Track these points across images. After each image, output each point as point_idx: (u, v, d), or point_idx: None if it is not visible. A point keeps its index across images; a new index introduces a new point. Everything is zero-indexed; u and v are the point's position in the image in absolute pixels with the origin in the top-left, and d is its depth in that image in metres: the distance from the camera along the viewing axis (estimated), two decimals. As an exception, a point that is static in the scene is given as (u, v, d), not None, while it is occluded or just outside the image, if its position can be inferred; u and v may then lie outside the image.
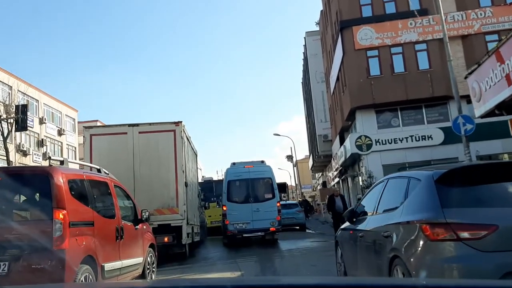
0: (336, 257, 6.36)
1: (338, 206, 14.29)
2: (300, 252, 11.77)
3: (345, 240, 5.84)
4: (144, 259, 6.86)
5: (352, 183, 28.11)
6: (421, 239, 3.51)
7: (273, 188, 14.63)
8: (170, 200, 10.54)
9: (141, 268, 6.72)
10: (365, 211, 5.36)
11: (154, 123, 11.00)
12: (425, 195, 3.72)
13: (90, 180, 5.54)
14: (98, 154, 10.66)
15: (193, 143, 13.63)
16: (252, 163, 15.34)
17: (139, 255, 6.69)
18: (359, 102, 22.27)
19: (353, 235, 5.38)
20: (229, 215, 14.19)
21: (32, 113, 36.84)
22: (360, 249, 4.99)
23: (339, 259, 6.11)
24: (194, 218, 12.69)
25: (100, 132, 10.90)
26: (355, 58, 22.54)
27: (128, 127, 10.86)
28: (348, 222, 5.66)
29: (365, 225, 4.96)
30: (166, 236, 10.29)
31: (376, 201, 4.84)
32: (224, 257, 11.68)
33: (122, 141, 10.74)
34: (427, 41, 22.12)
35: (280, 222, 14.33)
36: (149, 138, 10.78)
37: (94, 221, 5.30)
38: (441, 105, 22.33)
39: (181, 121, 10.95)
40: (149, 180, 10.54)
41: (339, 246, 6.11)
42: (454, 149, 21.37)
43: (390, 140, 21.92)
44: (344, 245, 5.85)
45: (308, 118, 45.25)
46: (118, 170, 10.25)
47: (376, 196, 4.89)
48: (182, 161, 10.80)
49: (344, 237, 5.90)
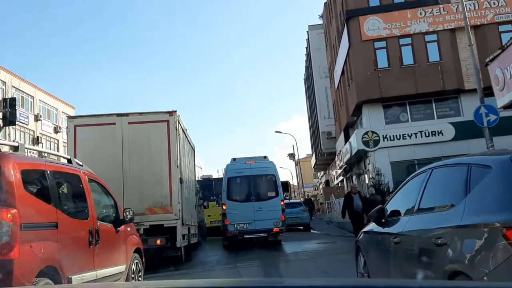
0: (357, 266, 5.27)
1: (356, 205, 12.62)
2: (307, 255, 10.68)
3: (370, 246, 4.75)
4: (127, 267, 5.79)
5: (358, 182, 27.05)
6: (501, 249, 2.43)
7: (276, 186, 13.54)
8: (163, 198, 9.46)
9: (123, 278, 5.64)
10: (397, 210, 4.28)
11: (145, 113, 9.91)
12: (503, 186, 2.63)
13: (55, 171, 4.45)
14: (83, 147, 9.59)
15: (190, 137, 12.53)
16: (254, 158, 14.23)
17: (120, 262, 5.62)
18: (366, 96, 21.21)
19: (383, 241, 4.30)
20: (229, 214, 13.13)
21: (27, 109, 35.90)
22: (395, 258, 3.90)
23: (361, 268, 5.02)
24: (191, 218, 11.59)
25: (85, 123, 9.81)
26: (362, 49, 21.47)
27: (117, 117, 9.77)
28: (375, 223, 4.57)
29: (401, 227, 3.87)
30: (158, 238, 9.22)
31: (416, 197, 3.76)
32: (223, 261, 10.61)
33: (109, 133, 9.66)
34: (437, 31, 21.06)
35: (284, 222, 13.25)
36: (140, 129, 9.70)
37: (59, 222, 4.22)
38: (452, 99, 21.29)
39: (175, 110, 9.86)
40: (140, 176, 9.46)
41: (362, 252, 5.03)
42: (466, 146, 20.37)
43: (398, 136, 20.93)
44: (370, 252, 4.76)
45: (311, 115, 44.21)
46: (105, 164, 9.24)
47: (416, 191, 3.81)
48: (177, 155, 9.72)
49: (369, 243, 4.81)
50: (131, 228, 6.27)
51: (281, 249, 12.52)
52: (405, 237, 3.69)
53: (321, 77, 34.22)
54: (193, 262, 10.60)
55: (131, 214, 5.85)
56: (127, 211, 5.83)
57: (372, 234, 4.72)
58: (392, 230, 4.11)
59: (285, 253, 11.76)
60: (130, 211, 5.86)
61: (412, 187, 4.04)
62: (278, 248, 12.77)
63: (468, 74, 21.03)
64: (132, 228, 6.39)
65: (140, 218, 9.28)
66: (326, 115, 33.67)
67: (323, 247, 12.75)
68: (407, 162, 20.53)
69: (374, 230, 4.64)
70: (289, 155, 44.26)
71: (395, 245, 3.90)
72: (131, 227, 6.34)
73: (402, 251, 3.73)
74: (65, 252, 4.21)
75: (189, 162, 12.18)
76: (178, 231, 9.44)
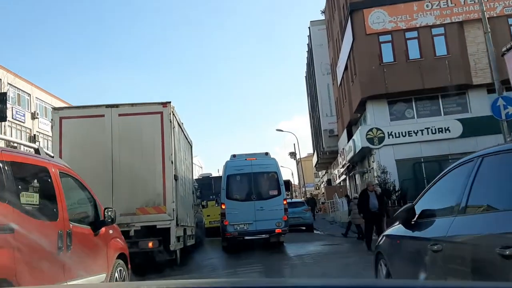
0: (376, 275, 4.46)
1: (372, 204, 11.00)
2: (313, 258, 9.88)
3: (396, 254, 3.95)
4: (108, 276, 4.99)
5: (361, 180, 26.27)
6: None
7: (279, 184, 12.75)
8: (156, 196, 8.67)
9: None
10: (431, 209, 3.50)
11: (137, 104, 9.10)
12: None
13: (13, 162, 3.65)
14: (69, 141, 8.80)
15: (186, 131, 11.72)
16: (254, 155, 13.41)
17: (100, 270, 4.82)
18: (371, 92, 20.46)
19: (415, 248, 3.51)
20: (228, 214, 12.34)
21: (24, 107, 35.16)
22: (434, 271, 3.10)
23: (383, 279, 4.21)
24: (187, 219, 10.79)
25: (71, 115, 9.00)
26: (366, 43, 20.71)
27: (106, 108, 8.97)
28: (402, 225, 3.77)
29: (442, 231, 3.07)
30: (150, 241, 8.43)
31: (460, 193, 2.96)
32: (222, 265, 9.82)
33: (98, 125, 8.87)
34: (445, 24, 20.29)
35: (287, 223, 12.45)
36: (131, 121, 8.90)
37: (15, 224, 3.43)
38: (460, 94, 20.51)
39: (170, 101, 9.06)
40: (131, 172, 8.67)
41: (383, 261, 4.24)
42: (474, 143, 19.60)
43: (404, 133, 20.24)
44: (395, 260, 3.96)
45: (312, 113, 43.43)
46: (93, 160, 8.50)
47: (460, 186, 3.01)
48: (171, 149, 8.92)
49: (394, 249, 4.01)
50: (114, 230, 5.46)
51: (284, 252, 11.73)
52: (449, 245, 2.88)
53: (323, 74, 33.47)
54: (189, 267, 9.81)
55: (113, 215, 5.05)
56: (109, 210, 5.03)
57: (399, 239, 3.92)
58: (428, 235, 3.31)
59: (288, 256, 10.97)
60: (111, 210, 5.06)
61: (453, 181, 3.25)
62: (281, 250, 11.98)
63: (476, 68, 20.29)
64: (116, 231, 5.58)
65: (131, 219, 8.52)
66: (328, 113, 32.94)
67: (328, 249, 11.95)
68: (413, 160, 19.84)
69: (401, 234, 3.84)
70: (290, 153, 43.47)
71: (434, 254, 3.10)
72: (115, 230, 5.53)
73: (445, 262, 2.93)
74: (24, 261, 3.43)
75: (186, 158, 11.38)
76: (172, 233, 8.65)
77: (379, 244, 4.51)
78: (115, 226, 5.53)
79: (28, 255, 3.52)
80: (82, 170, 8.51)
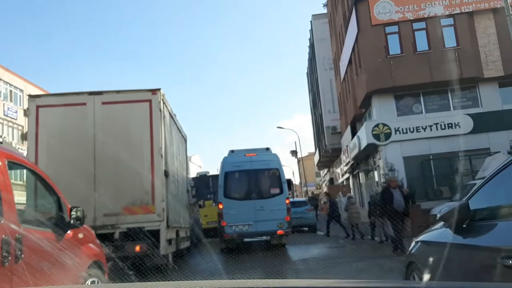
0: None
1: (398, 202, 9.64)
2: (319, 264, 8.92)
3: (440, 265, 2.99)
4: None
5: (366, 179, 25.39)
6: None
7: (280, 181, 11.84)
8: (144, 194, 7.73)
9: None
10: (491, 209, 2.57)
11: (123, 91, 8.14)
12: None
13: None
14: (47, 132, 7.87)
15: (180, 124, 10.76)
16: (254, 150, 12.49)
17: (63, 282, 3.87)
18: (377, 86, 19.61)
19: (475, 259, 2.57)
20: (226, 214, 11.45)
21: (16, 103, 34.23)
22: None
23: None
24: (180, 219, 9.83)
25: (50, 103, 8.05)
26: (372, 35, 19.84)
27: (88, 95, 8.02)
28: (450, 229, 2.83)
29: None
30: (137, 245, 7.48)
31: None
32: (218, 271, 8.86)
33: (79, 115, 7.93)
34: (454, 15, 19.45)
35: (290, 224, 11.55)
36: (116, 110, 7.96)
37: None
38: (470, 88, 19.68)
39: (159, 88, 8.11)
40: (115, 167, 7.73)
41: (419, 273, 3.30)
42: (485, 139, 18.86)
43: (412, 129, 19.44)
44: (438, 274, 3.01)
45: (314, 110, 42.54)
46: (73, 153, 7.57)
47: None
48: (161, 142, 7.98)
49: (437, 259, 3.05)
50: (86, 234, 4.49)
51: (286, 255, 10.80)
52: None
53: (326, 69, 32.61)
54: (182, 272, 8.86)
55: (80, 214, 4.10)
56: (75, 210, 4.08)
57: (441, 247, 2.97)
58: (492, 243, 2.38)
59: (291, 260, 10.03)
60: (78, 209, 4.10)
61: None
62: (283, 253, 11.04)
63: (487, 61, 19.43)
64: (88, 234, 4.61)
65: (116, 220, 7.60)
66: (331, 109, 32.09)
67: (335, 252, 11.00)
68: (421, 157, 19.08)
69: (448, 241, 2.89)
70: (291, 152, 42.54)
71: (506, 270, 2.17)
72: (87, 233, 4.57)
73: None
74: None
75: (179, 153, 10.43)
76: (162, 235, 7.71)
77: (412, 252, 3.57)
78: (87, 229, 4.57)
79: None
80: (60, 165, 7.64)
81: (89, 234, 4.62)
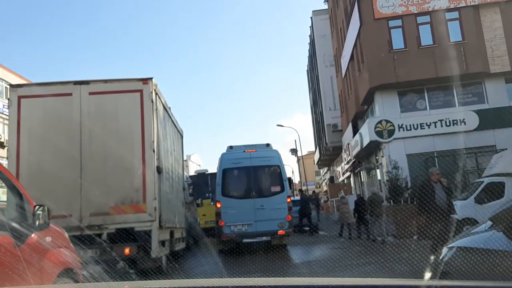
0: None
1: (440, 199, 8.30)
2: (323, 266, 8.33)
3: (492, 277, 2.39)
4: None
5: (368, 177, 24.85)
6: None
7: (281, 179, 11.28)
8: (134, 192, 7.13)
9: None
10: None
11: (111, 80, 7.54)
12: None
13: None
14: (29, 124, 7.27)
15: (174, 118, 10.14)
16: (254, 146, 11.92)
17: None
18: (380, 81, 19.09)
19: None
20: (224, 214, 10.89)
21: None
22: None
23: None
24: (175, 219, 9.23)
25: (32, 93, 7.43)
26: (375, 29, 19.31)
27: (74, 85, 7.41)
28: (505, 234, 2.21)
29: None
30: (127, 247, 6.89)
31: None
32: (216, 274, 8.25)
33: (64, 106, 7.33)
34: (459, 8, 18.95)
35: (291, 223, 11.00)
36: (105, 101, 7.36)
37: None
38: (476, 84, 19.20)
39: (151, 77, 7.51)
40: (103, 163, 7.15)
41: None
42: (491, 136, 18.35)
43: (416, 126, 18.99)
44: None
45: (314, 108, 42.00)
46: (57, 148, 7.01)
47: None
48: (153, 135, 7.38)
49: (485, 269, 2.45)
50: (55, 237, 3.85)
51: (288, 257, 10.24)
52: None
53: (326, 66, 32.08)
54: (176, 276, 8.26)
55: (44, 215, 3.48)
56: (39, 209, 3.45)
57: (493, 254, 2.36)
58: None
59: (293, 262, 9.46)
60: (43, 208, 3.49)
61: None
62: (285, 255, 10.49)
63: (494, 56, 18.91)
64: (59, 238, 3.95)
65: (103, 220, 7.01)
66: (332, 107, 31.57)
67: (339, 254, 10.41)
68: (425, 154, 18.61)
69: (502, 248, 2.28)
70: (291, 150, 42.00)
71: None
72: (58, 235, 3.93)
73: None
74: None
75: (174, 149, 9.82)
76: (154, 237, 7.11)
77: (445, 259, 2.96)
78: (58, 231, 3.94)
79: None
80: (44, 161, 7.03)
81: (59, 236, 3.99)
